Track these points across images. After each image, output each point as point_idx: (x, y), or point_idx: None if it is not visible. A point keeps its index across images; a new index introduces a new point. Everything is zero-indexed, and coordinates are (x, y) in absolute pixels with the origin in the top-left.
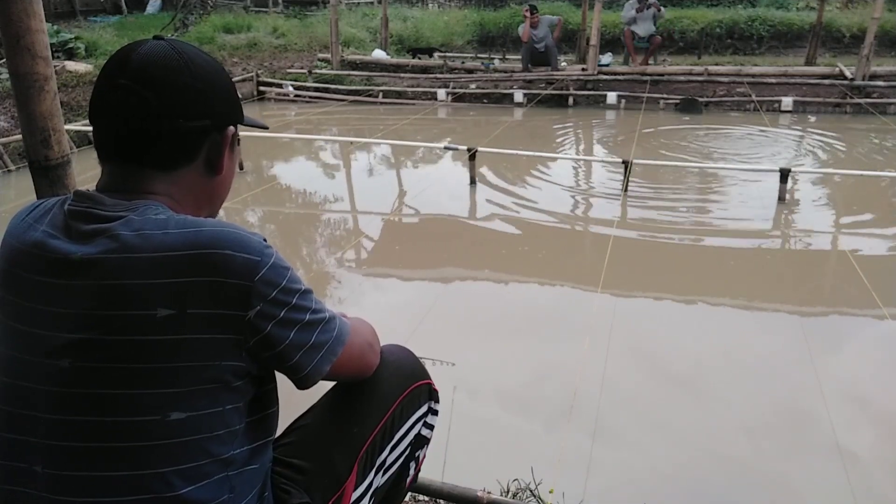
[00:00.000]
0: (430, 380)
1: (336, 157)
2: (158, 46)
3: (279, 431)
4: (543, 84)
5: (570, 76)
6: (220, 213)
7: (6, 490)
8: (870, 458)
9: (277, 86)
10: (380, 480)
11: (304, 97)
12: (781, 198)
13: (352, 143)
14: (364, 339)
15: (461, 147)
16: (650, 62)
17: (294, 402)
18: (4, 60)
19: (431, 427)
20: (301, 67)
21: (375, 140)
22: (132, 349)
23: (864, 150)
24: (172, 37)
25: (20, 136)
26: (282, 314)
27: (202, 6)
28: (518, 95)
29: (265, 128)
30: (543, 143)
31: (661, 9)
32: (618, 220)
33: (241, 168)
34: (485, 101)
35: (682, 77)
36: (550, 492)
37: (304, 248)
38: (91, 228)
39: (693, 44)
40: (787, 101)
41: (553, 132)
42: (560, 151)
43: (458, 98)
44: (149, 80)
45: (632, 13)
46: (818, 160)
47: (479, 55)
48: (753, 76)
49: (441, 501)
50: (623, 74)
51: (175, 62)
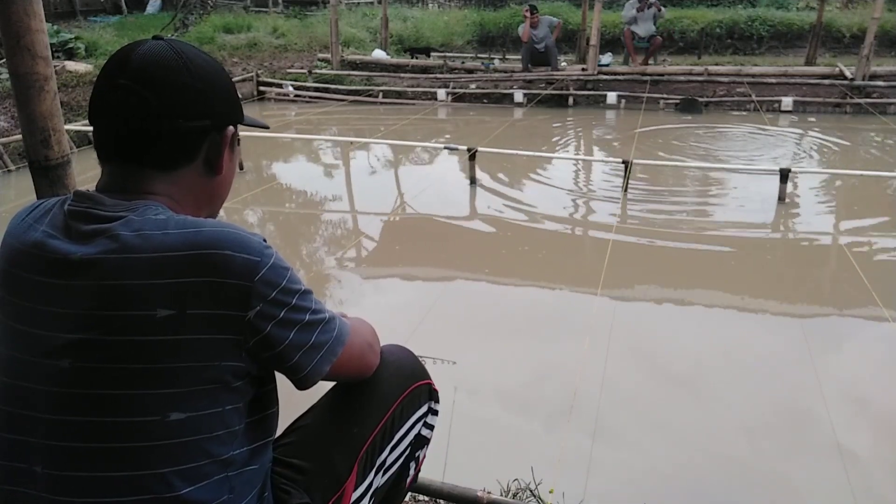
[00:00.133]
0: (430, 380)
1: (336, 157)
2: (158, 46)
3: (279, 431)
4: (543, 84)
5: (570, 76)
6: (220, 213)
7: (6, 490)
8: (870, 458)
9: (277, 86)
10: (380, 480)
11: (304, 97)
12: (781, 198)
13: (352, 143)
14: (364, 340)
15: (461, 147)
16: (650, 62)
17: (294, 402)
18: (4, 60)
19: (431, 427)
20: (301, 67)
21: (375, 140)
22: (132, 349)
23: (864, 151)
24: (172, 37)
25: (20, 136)
26: (281, 314)
27: (202, 6)
28: (518, 95)
29: (266, 127)
30: (543, 143)
31: (662, 8)
32: (618, 220)
33: (241, 168)
34: (485, 101)
35: (682, 77)
36: (550, 492)
37: (304, 248)
38: (91, 229)
39: (693, 44)
40: (787, 101)
41: (553, 132)
42: (560, 151)
43: (458, 98)
44: (148, 80)
45: (632, 13)
46: (818, 160)
47: (479, 55)
48: (753, 76)
49: (441, 501)
50: (623, 74)
51: (175, 62)
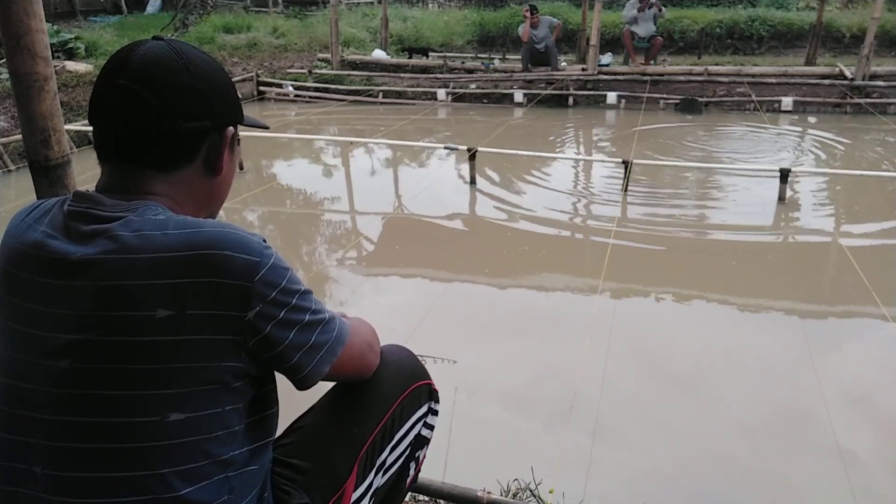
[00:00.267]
0: (430, 380)
1: (336, 157)
2: (158, 47)
3: (279, 432)
4: (543, 84)
5: (570, 76)
6: (220, 213)
7: (6, 491)
8: (870, 458)
9: (277, 86)
10: (380, 481)
11: (304, 97)
12: (781, 198)
13: (352, 143)
14: (364, 340)
15: (461, 147)
16: (651, 63)
17: (294, 403)
18: (4, 60)
19: (431, 427)
20: (301, 67)
21: (375, 140)
22: (132, 350)
23: (864, 150)
24: (172, 37)
25: (20, 136)
26: (281, 315)
27: (202, 6)
28: (518, 95)
29: (266, 127)
30: (543, 143)
31: (663, 8)
32: (618, 220)
33: (241, 168)
34: (485, 101)
35: (682, 77)
36: (550, 492)
37: (304, 249)
38: (90, 229)
39: (693, 44)
40: (787, 101)
41: (553, 132)
42: (560, 151)
43: (458, 98)
44: (148, 81)
45: (633, 12)
46: (818, 160)
47: (479, 55)
48: (753, 76)
49: (441, 501)
50: (623, 74)
51: (174, 62)
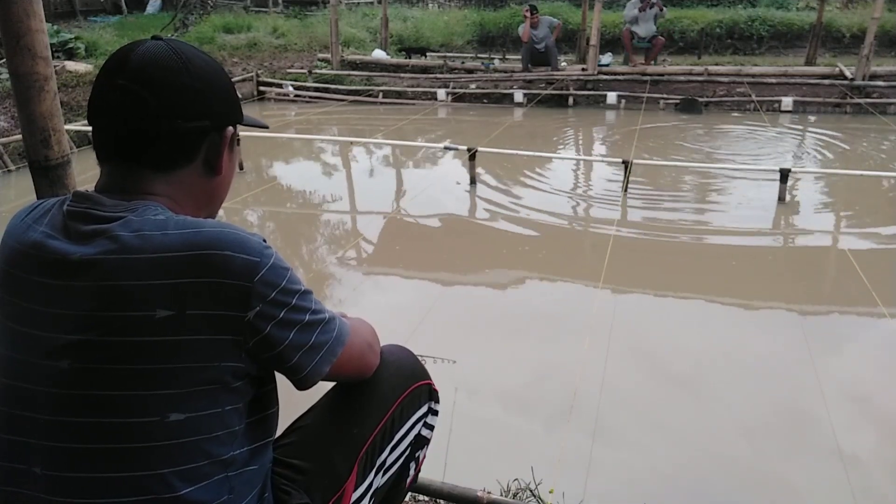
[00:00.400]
0: (430, 380)
1: (336, 157)
2: (157, 46)
3: (279, 432)
4: (543, 84)
5: (570, 76)
6: (220, 213)
7: (6, 491)
8: (870, 459)
9: (277, 86)
10: (380, 481)
11: (304, 97)
12: (781, 198)
13: (352, 143)
14: (364, 340)
15: (461, 147)
16: (652, 63)
17: (294, 403)
18: (4, 60)
19: (431, 427)
20: (301, 67)
21: (375, 140)
22: (131, 350)
23: (864, 151)
24: (172, 37)
25: (20, 136)
26: (281, 315)
27: (202, 6)
28: (518, 95)
29: (265, 127)
30: (543, 143)
31: (664, 8)
32: (618, 220)
33: (241, 168)
34: (485, 101)
35: (682, 77)
36: (550, 492)
37: (304, 248)
38: (90, 229)
39: (693, 44)
40: (787, 101)
41: (553, 132)
42: (560, 151)
43: (458, 98)
44: (147, 81)
45: (634, 12)
46: (818, 160)
47: (479, 55)
48: (753, 76)
49: (441, 501)
50: (623, 74)
51: (174, 62)
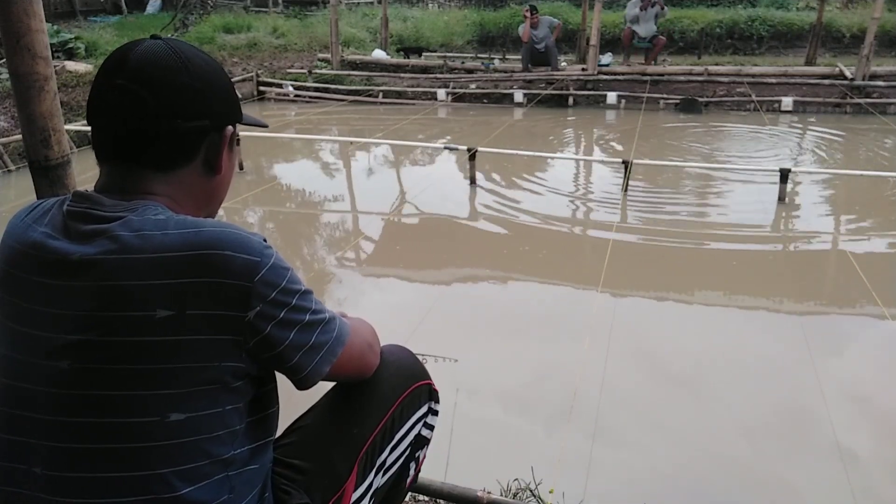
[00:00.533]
0: (431, 380)
1: (336, 157)
2: (156, 46)
3: (279, 432)
4: (543, 84)
5: (570, 76)
6: (220, 213)
7: (6, 492)
8: (870, 459)
9: (277, 86)
10: (380, 481)
11: (304, 97)
12: (781, 198)
13: (352, 143)
14: (364, 340)
15: (461, 147)
16: (653, 63)
17: (294, 402)
18: (4, 60)
19: (431, 427)
20: (301, 67)
21: (375, 140)
22: (132, 350)
23: (864, 151)
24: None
25: (20, 136)
26: (281, 315)
27: (202, 6)
28: (518, 95)
29: (265, 126)
30: (543, 143)
31: (665, 7)
32: (618, 221)
33: (241, 168)
34: (485, 101)
35: (682, 77)
36: (550, 492)
37: (304, 248)
38: (90, 229)
39: (693, 44)
40: (787, 101)
41: (553, 132)
42: (560, 151)
43: (458, 98)
44: (146, 80)
45: (635, 11)
46: (818, 160)
47: (479, 55)
48: (753, 76)
49: (441, 501)
50: (623, 74)
51: (173, 62)
